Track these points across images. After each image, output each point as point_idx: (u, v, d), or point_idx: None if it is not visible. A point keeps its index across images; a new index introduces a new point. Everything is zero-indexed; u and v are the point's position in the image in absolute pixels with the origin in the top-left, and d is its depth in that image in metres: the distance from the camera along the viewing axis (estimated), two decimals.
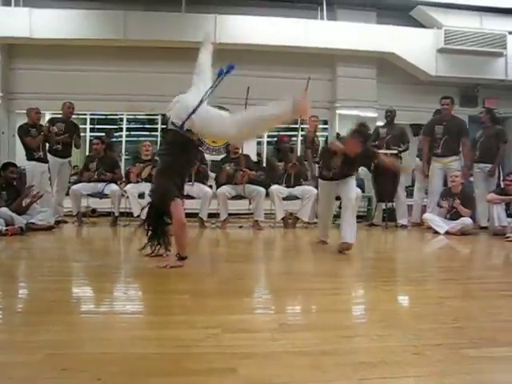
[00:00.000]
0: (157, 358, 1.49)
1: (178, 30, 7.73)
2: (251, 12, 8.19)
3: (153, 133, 9.00)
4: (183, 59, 7.93)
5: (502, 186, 6.03)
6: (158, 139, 8.78)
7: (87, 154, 8.09)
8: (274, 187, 6.27)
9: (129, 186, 6.17)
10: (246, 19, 8.00)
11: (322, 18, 8.43)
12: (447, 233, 5.75)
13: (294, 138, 7.58)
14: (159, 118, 8.90)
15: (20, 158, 6.68)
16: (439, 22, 8.50)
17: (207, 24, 7.84)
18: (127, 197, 6.13)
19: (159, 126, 8.91)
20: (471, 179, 6.81)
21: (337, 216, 5.44)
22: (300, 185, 6.43)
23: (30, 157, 6.08)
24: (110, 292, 2.51)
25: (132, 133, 9.02)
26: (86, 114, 8.71)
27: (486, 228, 6.21)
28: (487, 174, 6.48)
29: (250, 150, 7.43)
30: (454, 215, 5.94)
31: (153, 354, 1.52)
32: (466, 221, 5.79)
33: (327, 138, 8.47)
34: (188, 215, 6.41)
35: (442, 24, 8.45)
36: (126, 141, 8.86)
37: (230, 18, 7.98)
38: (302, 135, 7.53)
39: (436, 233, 5.82)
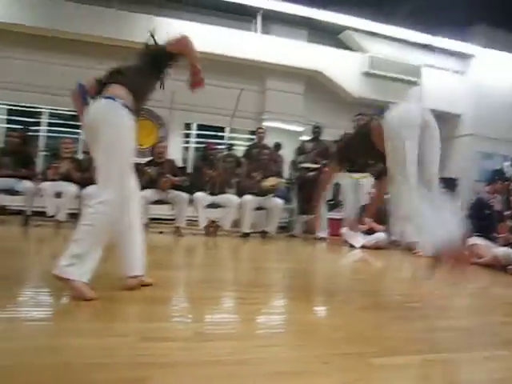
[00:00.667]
0: (64, 369, 1.40)
1: (110, 27, 7.51)
2: (186, 17, 8.15)
3: (75, 130, 8.62)
4: (114, 57, 7.70)
5: None
6: (80, 137, 8.44)
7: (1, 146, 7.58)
8: (198, 194, 6.24)
9: (46, 183, 5.85)
10: (180, 23, 7.93)
11: (256, 31, 8.58)
12: (363, 247, 6.02)
13: (220, 147, 7.60)
14: None
15: None
16: (364, 47, 9.00)
17: (141, 24, 7.69)
18: (41, 195, 5.80)
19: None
20: None
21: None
22: (224, 193, 6.45)
23: None
24: (14, 297, 2.34)
25: (53, 128, 8.56)
26: (3, 104, 8.17)
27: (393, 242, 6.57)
28: None
29: (175, 155, 7.35)
30: (369, 230, 6.23)
31: (60, 365, 1.43)
32: (380, 236, 6.10)
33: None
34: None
35: (367, 49, 8.95)
36: (47, 136, 8.41)
37: (164, 21, 7.88)
38: (247, 146, 7.59)
39: (352, 246, 6.08)
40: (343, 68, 8.81)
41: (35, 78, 7.62)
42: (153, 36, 2.79)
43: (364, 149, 2.96)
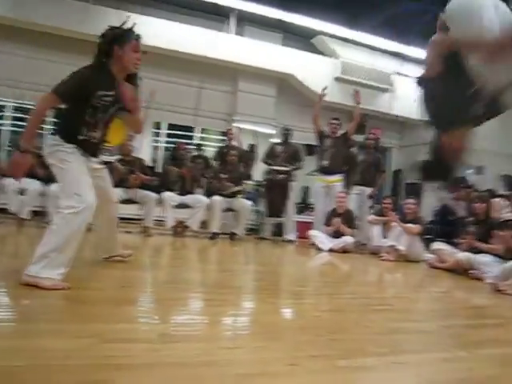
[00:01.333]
0: (25, 371, 1.36)
1: (77, 21, 7.33)
2: (160, 15, 8.06)
3: (40, 124, 8.38)
4: (81, 52, 7.53)
5: (380, 209, 6.54)
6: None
7: None
8: (167, 194, 6.17)
9: (8, 180, 5.67)
10: (155, 21, 7.84)
11: (229, 32, 8.57)
12: (330, 250, 6.08)
13: (189, 147, 7.56)
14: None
15: None
16: (337, 52, 9.10)
17: (111, 19, 7.54)
18: (4, 192, 5.62)
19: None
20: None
21: None
22: (193, 193, 6.40)
23: None
24: None
25: (18, 123, 8.31)
26: None
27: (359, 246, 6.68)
28: (367, 197, 7.00)
29: (145, 154, 7.26)
30: (337, 233, 6.30)
31: (20, 367, 1.38)
32: (348, 239, 6.18)
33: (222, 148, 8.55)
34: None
35: (339, 55, 9.06)
36: (12, 131, 8.16)
37: (138, 18, 7.74)
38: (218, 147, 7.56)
39: (320, 249, 6.13)
40: (315, 72, 8.88)
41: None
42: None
43: None
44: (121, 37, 2.85)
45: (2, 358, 1.45)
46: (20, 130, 8.07)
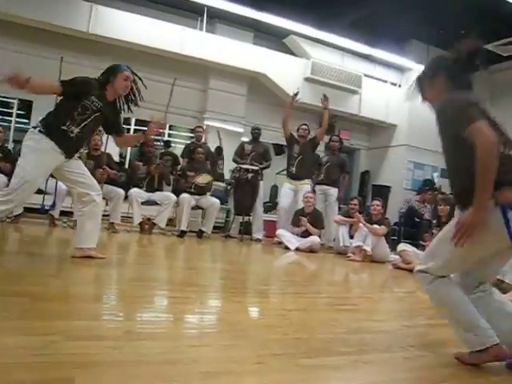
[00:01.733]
0: None
1: (49, 12, 7.14)
2: (130, 9, 7.94)
3: (6, 117, 8.15)
4: (53, 44, 7.38)
5: (347, 209, 6.64)
6: (12, 125, 7.99)
7: None
8: (134, 190, 6.10)
9: None
10: (123, 14, 7.72)
11: (201, 29, 8.51)
12: (297, 249, 6.13)
13: (157, 143, 7.48)
14: (15, 102, 8.10)
15: None
16: (308, 53, 9.18)
17: (82, 12, 7.40)
18: None
19: (14, 111, 8.11)
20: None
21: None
22: (161, 190, 6.34)
23: None
24: None
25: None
26: None
27: (323, 245, 6.77)
28: (336, 199, 7.10)
29: (112, 149, 7.14)
30: (304, 233, 6.36)
31: None
32: (315, 239, 6.25)
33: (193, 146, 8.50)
34: (36, 211, 5.97)
35: (310, 55, 9.14)
36: None
37: (107, 11, 7.62)
38: (186, 144, 7.49)
39: (287, 248, 6.18)
40: (286, 72, 8.93)
41: None
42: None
43: None
44: (114, 68, 3.44)
45: None
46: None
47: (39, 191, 5.57)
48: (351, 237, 6.23)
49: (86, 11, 7.41)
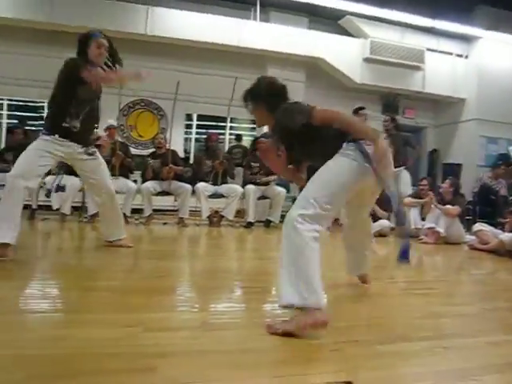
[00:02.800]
0: (75, 359, 1.41)
1: (107, 19, 7.42)
2: (185, 7, 8.07)
3: None
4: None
5: (416, 191, 6.40)
6: None
7: (3, 141, 7.61)
8: (200, 185, 6.22)
9: (48, 178, 5.84)
10: (178, 13, 7.87)
11: (255, 19, 8.50)
12: None
13: (221, 137, 7.57)
14: None
15: None
16: (366, 32, 8.88)
17: (139, 15, 7.62)
18: (47, 189, 5.80)
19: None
20: None
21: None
22: (226, 183, 6.43)
23: None
24: (25, 289, 2.35)
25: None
26: (2, 99, 8.13)
27: (393, 229, 6.56)
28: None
29: (177, 146, 7.33)
30: (372, 217, 6.20)
31: (69, 355, 1.44)
32: (384, 223, 6.08)
33: (255, 138, 8.54)
34: None
35: (368, 35, 8.84)
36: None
37: (163, 11, 7.80)
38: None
39: None
40: (344, 54, 8.73)
41: (33, 72, 7.55)
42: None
43: None
44: (86, 37, 3.32)
45: (52, 346, 1.51)
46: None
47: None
48: (422, 219, 6.01)
49: (142, 14, 7.63)
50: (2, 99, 8.09)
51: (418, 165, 9.32)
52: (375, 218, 6.17)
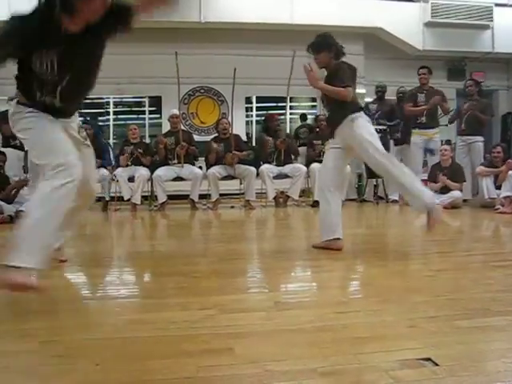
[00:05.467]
0: (153, 341, 1.48)
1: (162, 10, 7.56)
2: None
3: (140, 115, 8.89)
4: (168, 40, 7.81)
5: (490, 159, 6.06)
6: (146, 122, 8.69)
7: None
8: (264, 166, 6.25)
9: (119, 170, 6.12)
10: None
11: None
12: None
13: (281, 117, 7.54)
14: (146, 100, 8.78)
15: None
16: None
17: (191, 2, 7.68)
18: (117, 181, 6.09)
19: (147, 109, 8.80)
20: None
21: None
22: (290, 163, 6.42)
23: (6, 144, 6.01)
24: (103, 277, 2.50)
25: (119, 116, 8.89)
26: None
27: (466, 201, 6.27)
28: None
29: (239, 129, 7.39)
30: (443, 189, 5.97)
31: (149, 337, 1.52)
32: (456, 194, 5.83)
33: (316, 115, 8.42)
34: (179, 197, 6.47)
35: None
36: (114, 124, 8.75)
37: None
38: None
39: None
40: (403, 21, 8.33)
41: (101, 71, 7.86)
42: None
43: None
44: None
45: (133, 329, 1.60)
46: (121, 123, 8.64)
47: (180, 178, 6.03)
48: (497, 187, 5.69)
49: (195, 2, 7.69)
50: None
51: (490, 130, 8.80)
52: (447, 189, 5.94)
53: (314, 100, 9.07)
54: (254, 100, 9.07)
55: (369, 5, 8.27)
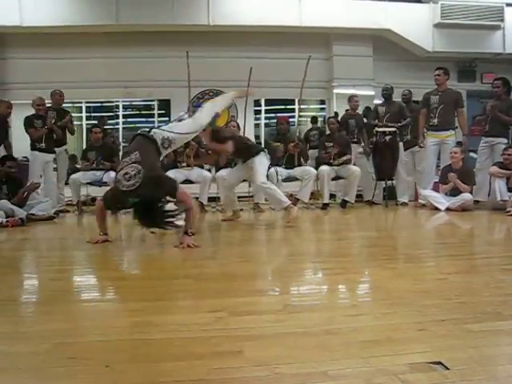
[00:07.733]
0: (163, 344, 1.49)
1: (169, 13, 7.62)
2: None
3: (149, 119, 8.95)
4: (176, 43, 7.87)
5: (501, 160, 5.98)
6: (156, 125, 8.74)
7: (84, 142, 8.11)
8: (274, 169, 6.24)
9: None
10: (238, 0, 7.90)
11: None
12: (447, 209, 5.75)
13: (292, 120, 7.55)
14: (155, 103, 8.84)
15: (20, 148, 6.62)
16: None
17: (200, 6, 7.73)
18: None
19: (156, 112, 8.85)
20: (471, 154, 6.80)
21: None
22: (300, 165, 6.41)
23: (33, 147, 6.11)
24: (112, 279, 2.51)
25: (128, 119, 8.96)
26: (81, 102, 8.64)
27: (477, 202, 6.19)
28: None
29: (248, 132, 7.41)
30: (453, 191, 5.93)
31: (159, 340, 1.52)
32: (466, 196, 5.78)
33: (325, 118, 8.41)
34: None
35: None
36: (123, 128, 8.81)
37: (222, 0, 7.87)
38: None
39: (436, 209, 5.82)
40: (412, 22, 8.32)
41: (107, 73, 7.94)
42: None
43: None
44: None
45: (143, 331, 1.60)
46: (130, 126, 8.70)
47: (189, 181, 6.04)
48: (509, 190, 5.63)
49: (203, 5, 7.73)
50: (80, 102, 8.60)
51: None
52: (457, 191, 5.90)
53: (322, 102, 9.07)
54: (262, 103, 9.08)
55: (378, 6, 8.28)
